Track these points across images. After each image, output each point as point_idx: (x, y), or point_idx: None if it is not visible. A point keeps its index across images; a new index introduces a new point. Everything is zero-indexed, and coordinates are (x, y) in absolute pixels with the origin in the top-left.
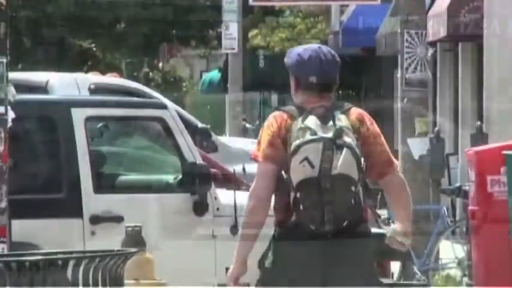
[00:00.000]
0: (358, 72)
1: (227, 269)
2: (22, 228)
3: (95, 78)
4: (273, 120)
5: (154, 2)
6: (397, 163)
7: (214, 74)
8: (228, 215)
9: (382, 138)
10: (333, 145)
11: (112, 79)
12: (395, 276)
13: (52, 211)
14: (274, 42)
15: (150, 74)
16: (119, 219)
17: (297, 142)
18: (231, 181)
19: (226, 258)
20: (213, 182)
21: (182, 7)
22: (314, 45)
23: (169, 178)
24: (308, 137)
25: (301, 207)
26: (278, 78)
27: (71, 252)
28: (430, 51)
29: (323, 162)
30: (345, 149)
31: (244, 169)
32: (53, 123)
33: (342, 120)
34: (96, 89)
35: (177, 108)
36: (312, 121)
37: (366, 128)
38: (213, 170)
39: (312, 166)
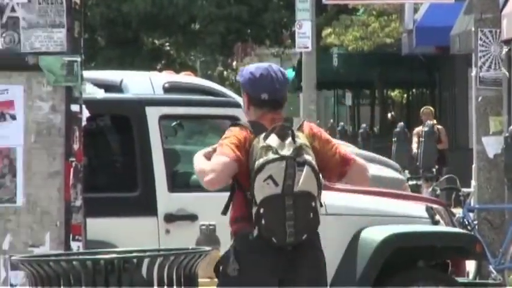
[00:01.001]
0: (432, 71)
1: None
2: (97, 227)
3: (169, 77)
4: (236, 133)
5: (229, 2)
6: (351, 154)
7: (288, 73)
8: None
9: (332, 141)
10: (294, 163)
11: (186, 78)
12: (471, 275)
13: (127, 209)
14: (348, 40)
15: (225, 72)
16: (193, 217)
17: (261, 161)
18: None
19: None
20: None
21: (257, 6)
22: (265, 64)
23: None
24: (271, 156)
25: (263, 221)
26: (351, 76)
27: (145, 251)
28: (505, 49)
29: (286, 180)
30: (306, 167)
31: None
32: (128, 121)
33: (300, 138)
34: (171, 88)
35: None
36: (273, 140)
37: (317, 141)
38: None
39: (276, 184)
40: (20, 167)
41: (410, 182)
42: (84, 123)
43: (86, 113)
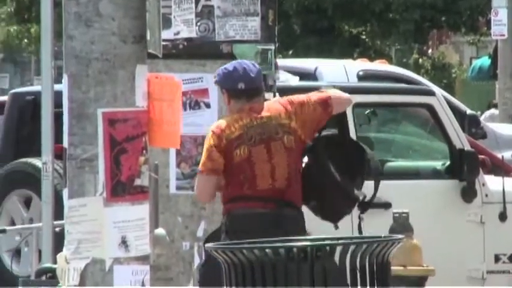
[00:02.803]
0: None
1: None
2: None
3: (363, 64)
4: (208, 139)
5: None
6: (321, 92)
7: (484, 61)
8: (496, 201)
9: (303, 98)
10: None
11: (380, 65)
12: None
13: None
14: None
15: (420, 60)
16: (386, 205)
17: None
18: (500, 167)
19: (494, 245)
20: (481, 169)
21: None
22: (237, 60)
23: (438, 164)
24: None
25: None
26: None
27: (338, 239)
28: None
29: None
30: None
31: None
32: None
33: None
34: (365, 76)
35: (445, 94)
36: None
37: (291, 112)
38: (481, 157)
39: None
40: None
41: None
42: None
43: None
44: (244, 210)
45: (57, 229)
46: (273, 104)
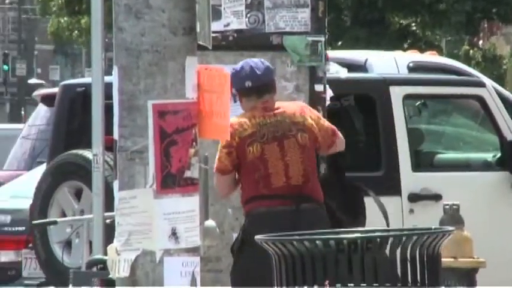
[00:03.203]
0: None
1: None
2: None
3: (413, 56)
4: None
5: None
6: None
7: None
8: None
9: (322, 117)
10: None
11: (431, 57)
12: None
13: (371, 189)
14: None
15: (470, 52)
16: (437, 197)
17: None
18: None
19: None
20: None
21: None
22: (246, 59)
23: (488, 156)
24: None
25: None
26: None
27: (388, 231)
28: None
29: None
30: None
31: None
32: (372, 101)
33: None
34: (415, 67)
35: (496, 86)
36: None
37: (306, 114)
38: None
39: None
40: None
41: None
42: (328, 102)
43: (329, 93)
44: (262, 209)
45: (107, 221)
46: (289, 104)
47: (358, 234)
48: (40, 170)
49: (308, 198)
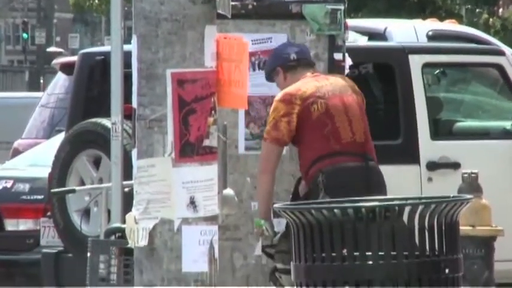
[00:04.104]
0: None
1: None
2: None
3: (433, 24)
4: (278, 105)
5: None
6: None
7: None
8: None
9: None
10: None
11: (450, 25)
12: None
13: (390, 157)
14: None
15: (490, 20)
16: (455, 165)
17: None
18: None
19: None
20: None
21: None
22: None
23: (507, 124)
24: None
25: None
26: None
27: (406, 199)
28: None
29: None
30: None
31: None
32: (391, 69)
33: None
34: (435, 36)
35: None
36: None
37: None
38: None
39: None
40: None
41: None
42: (347, 71)
43: (348, 61)
44: (337, 166)
45: (126, 189)
46: (335, 76)
47: (377, 203)
48: (59, 139)
49: (372, 157)
